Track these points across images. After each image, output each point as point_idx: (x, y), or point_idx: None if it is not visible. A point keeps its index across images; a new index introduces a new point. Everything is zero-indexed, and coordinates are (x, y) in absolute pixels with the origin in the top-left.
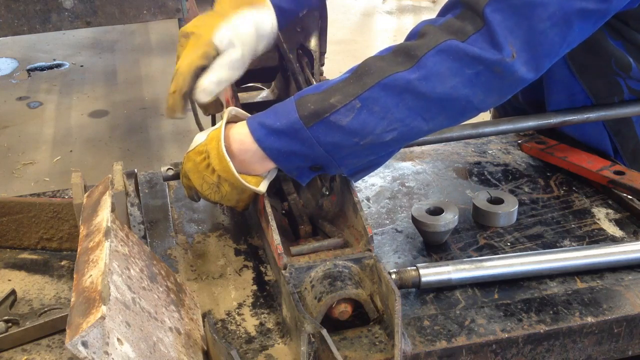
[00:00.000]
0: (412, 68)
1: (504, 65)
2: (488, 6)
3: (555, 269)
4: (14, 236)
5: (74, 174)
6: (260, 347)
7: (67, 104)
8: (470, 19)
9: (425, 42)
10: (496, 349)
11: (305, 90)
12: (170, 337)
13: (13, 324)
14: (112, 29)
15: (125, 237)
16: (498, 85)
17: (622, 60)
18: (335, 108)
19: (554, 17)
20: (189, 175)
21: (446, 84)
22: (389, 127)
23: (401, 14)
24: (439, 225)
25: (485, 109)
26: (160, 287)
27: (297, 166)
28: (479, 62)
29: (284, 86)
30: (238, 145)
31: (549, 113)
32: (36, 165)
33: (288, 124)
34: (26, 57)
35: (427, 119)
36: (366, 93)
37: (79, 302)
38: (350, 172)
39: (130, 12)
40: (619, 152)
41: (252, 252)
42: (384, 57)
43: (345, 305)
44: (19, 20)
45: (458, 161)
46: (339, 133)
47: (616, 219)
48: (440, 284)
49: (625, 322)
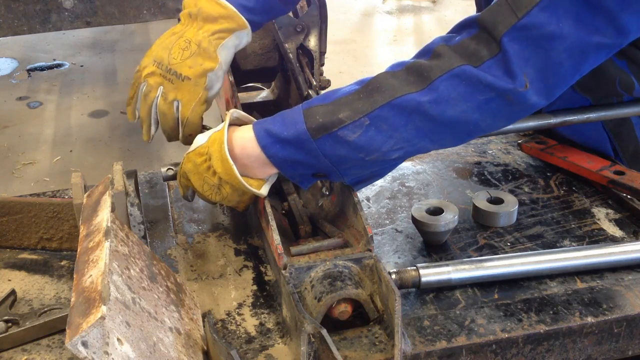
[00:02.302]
0: (424, 90)
1: (516, 94)
2: (506, 35)
3: (555, 269)
4: (14, 236)
5: (74, 174)
6: (260, 347)
7: (67, 104)
8: (485, 43)
9: (439, 64)
10: (496, 349)
11: (314, 100)
12: (170, 337)
13: (13, 324)
14: (112, 29)
15: (125, 237)
16: (508, 112)
17: (626, 81)
18: (344, 123)
19: (570, 50)
20: (189, 176)
21: (457, 108)
22: (396, 146)
23: (401, 14)
24: (439, 225)
25: (492, 132)
26: (160, 287)
27: (300, 173)
28: (492, 90)
29: (284, 86)
30: (240, 149)
31: (549, 113)
32: (36, 165)
33: (295, 135)
34: (26, 57)
35: (434, 140)
36: (376, 111)
37: (79, 302)
38: (352, 182)
39: (130, 12)
40: (619, 154)
41: (252, 252)
42: (396, 73)
43: (345, 305)
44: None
45: (458, 161)
46: (346, 148)
47: (616, 219)
48: (440, 284)
49: (625, 322)
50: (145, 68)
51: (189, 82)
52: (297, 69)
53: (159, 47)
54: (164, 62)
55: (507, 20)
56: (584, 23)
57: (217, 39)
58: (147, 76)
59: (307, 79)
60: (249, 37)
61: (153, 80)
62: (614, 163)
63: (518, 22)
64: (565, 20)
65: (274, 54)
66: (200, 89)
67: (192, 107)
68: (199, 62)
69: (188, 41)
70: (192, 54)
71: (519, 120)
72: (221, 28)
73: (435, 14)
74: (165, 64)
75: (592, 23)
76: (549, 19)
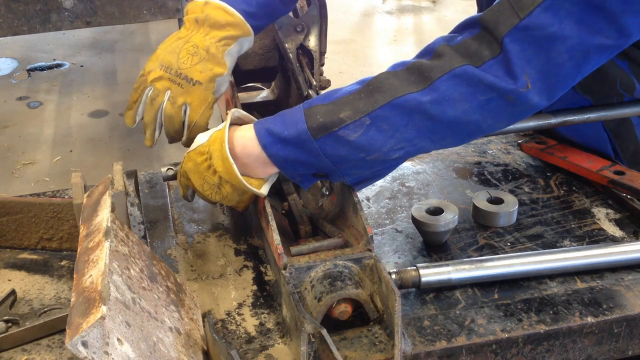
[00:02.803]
0: (425, 90)
1: (517, 94)
2: (508, 36)
3: (555, 269)
4: (14, 236)
5: (74, 174)
6: (260, 347)
7: (67, 104)
8: (487, 43)
9: (440, 64)
10: (496, 349)
11: (315, 99)
12: (170, 337)
13: (13, 324)
14: (112, 29)
15: (125, 237)
16: (509, 112)
17: (627, 81)
18: (345, 123)
19: (572, 51)
20: (189, 175)
21: (457, 108)
22: (397, 145)
23: (401, 14)
24: (439, 225)
25: (492, 132)
26: (160, 287)
27: (300, 173)
28: (493, 90)
29: (284, 86)
30: (241, 149)
31: (549, 113)
32: (36, 165)
33: (296, 134)
34: (26, 57)
35: (434, 140)
36: (377, 111)
37: (79, 302)
38: (353, 182)
39: (130, 12)
40: (619, 154)
41: (252, 252)
42: (397, 73)
43: (345, 305)
44: (19, 20)
45: (458, 161)
46: (346, 147)
47: (616, 219)
48: (440, 284)
49: (625, 322)
50: (151, 72)
51: (199, 87)
52: (297, 69)
53: (165, 52)
54: (173, 66)
55: (509, 20)
56: (586, 24)
57: (223, 45)
58: (153, 80)
59: (307, 79)
60: (251, 43)
61: (161, 85)
62: (614, 163)
63: (520, 23)
64: (567, 21)
65: (274, 54)
66: (209, 93)
67: (201, 111)
68: (209, 67)
69: (196, 46)
70: (202, 59)
71: (520, 120)
72: (227, 35)
73: (435, 14)
74: (175, 68)
75: (594, 24)
76: (551, 19)
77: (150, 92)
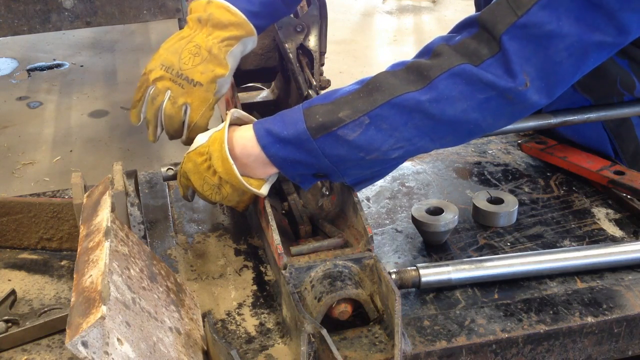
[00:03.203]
0: (424, 89)
1: (516, 92)
2: (506, 34)
3: (555, 269)
4: (14, 236)
5: (74, 174)
6: (260, 347)
7: (67, 104)
8: (486, 42)
9: (439, 63)
10: (496, 349)
11: (314, 99)
12: (170, 337)
13: (13, 324)
14: (112, 29)
15: (125, 237)
16: (508, 111)
17: (627, 80)
18: (344, 122)
19: (571, 48)
20: (189, 176)
21: (457, 107)
22: (396, 145)
23: (401, 14)
24: (439, 225)
25: (492, 131)
26: (160, 287)
27: (300, 173)
28: (492, 88)
29: (284, 86)
30: (241, 149)
31: (549, 113)
32: (36, 165)
33: (295, 134)
34: (26, 57)
35: (434, 139)
36: (376, 110)
37: (79, 302)
38: (353, 182)
39: (130, 12)
40: (619, 154)
41: (252, 252)
42: (396, 73)
43: (345, 305)
44: (19, 20)
45: (458, 161)
46: (346, 147)
47: (616, 219)
48: (440, 284)
49: (625, 322)
50: (153, 72)
51: (200, 88)
52: (297, 69)
53: (167, 52)
54: (174, 66)
55: (507, 18)
56: (584, 21)
57: (226, 45)
58: (155, 80)
59: (307, 79)
60: (254, 43)
61: (161, 85)
62: (614, 163)
63: (518, 21)
64: (566, 18)
65: (274, 54)
66: (210, 94)
67: (201, 112)
68: (210, 68)
69: (198, 46)
70: (203, 60)
71: (519, 119)
72: (230, 35)
73: (435, 14)
74: (176, 68)
75: (593, 22)
76: (549, 17)
77: (151, 90)
